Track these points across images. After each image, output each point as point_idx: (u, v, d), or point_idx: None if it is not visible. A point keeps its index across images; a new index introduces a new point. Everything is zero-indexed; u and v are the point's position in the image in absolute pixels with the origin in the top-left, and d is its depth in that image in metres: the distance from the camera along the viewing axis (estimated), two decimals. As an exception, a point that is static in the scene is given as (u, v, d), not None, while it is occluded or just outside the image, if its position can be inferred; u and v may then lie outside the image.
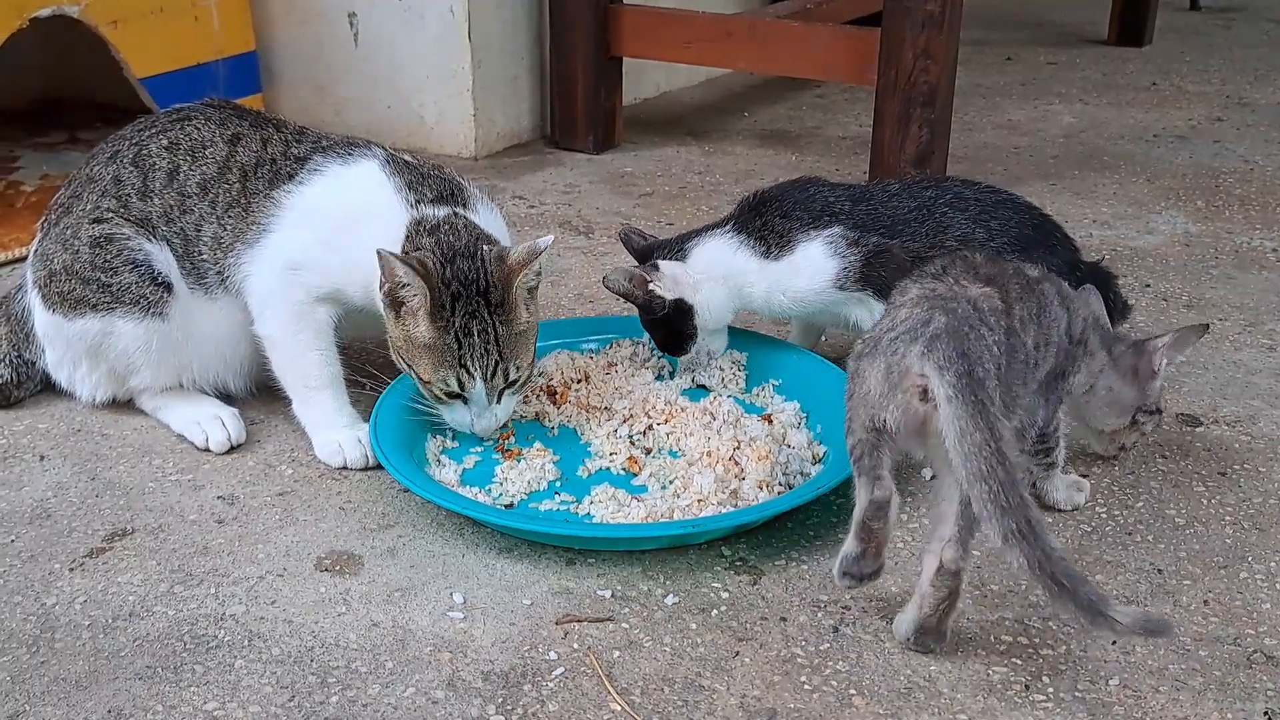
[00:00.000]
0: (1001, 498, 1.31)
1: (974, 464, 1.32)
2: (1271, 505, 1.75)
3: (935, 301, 1.45)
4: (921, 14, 2.77)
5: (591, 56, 3.28)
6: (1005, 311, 1.47)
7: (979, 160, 3.26)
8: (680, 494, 1.73)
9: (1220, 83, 4.09)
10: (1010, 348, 1.45)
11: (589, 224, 2.84)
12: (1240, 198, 3.00)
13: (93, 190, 1.89)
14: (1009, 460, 1.32)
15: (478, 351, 1.73)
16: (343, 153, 1.88)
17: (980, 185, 2.02)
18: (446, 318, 1.72)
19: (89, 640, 1.47)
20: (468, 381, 1.74)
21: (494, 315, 1.73)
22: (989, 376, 1.37)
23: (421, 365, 1.75)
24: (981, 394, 1.34)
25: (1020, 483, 1.32)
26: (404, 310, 1.73)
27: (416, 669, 1.43)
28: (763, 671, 1.43)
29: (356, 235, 1.78)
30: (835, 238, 1.93)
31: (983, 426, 1.32)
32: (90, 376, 1.93)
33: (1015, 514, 1.30)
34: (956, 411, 1.33)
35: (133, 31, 2.87)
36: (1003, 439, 1.33)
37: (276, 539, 1.67)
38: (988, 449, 1.31)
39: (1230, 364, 2.15)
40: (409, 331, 1.74)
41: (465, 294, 1.72)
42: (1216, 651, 1.46)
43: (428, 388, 1.77)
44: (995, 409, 1.35)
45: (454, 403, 1.78)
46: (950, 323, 1.40)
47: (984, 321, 1.43)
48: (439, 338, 1.72)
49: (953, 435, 1.33)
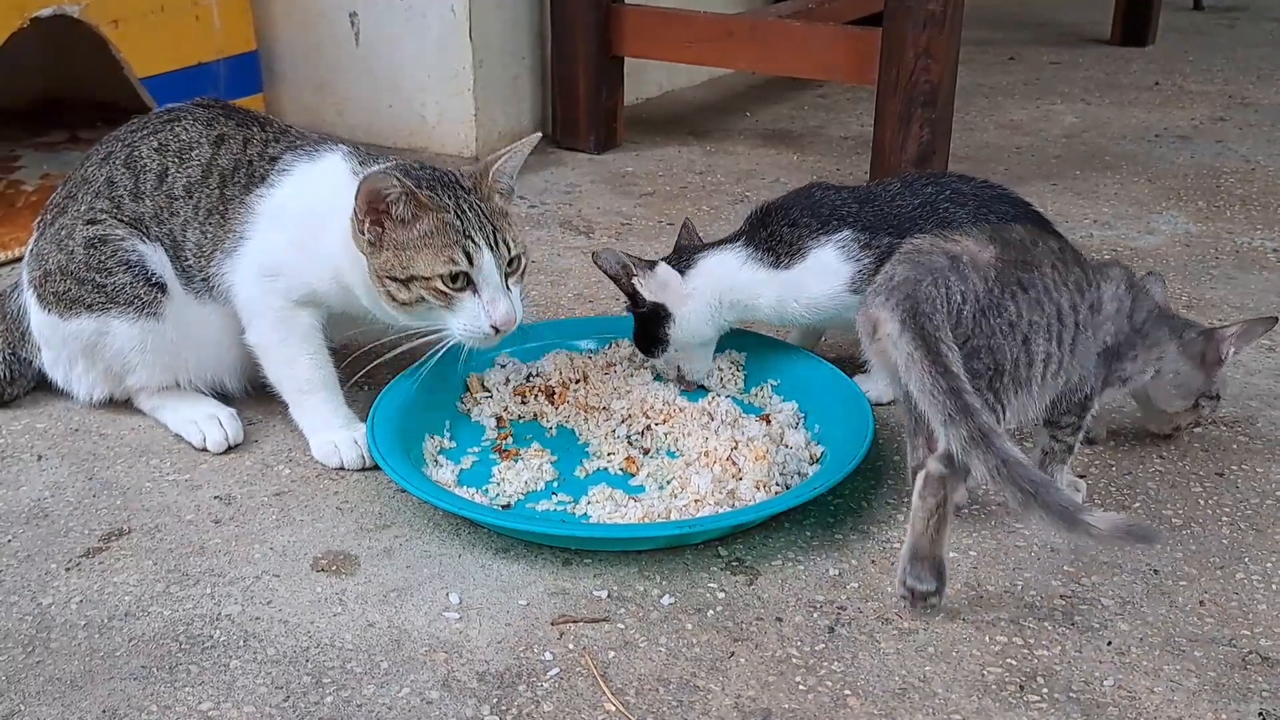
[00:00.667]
0: (949, 407, 1.42)
1: (920, 383, 1.45)
2: (1269, 506, 1.75)
3: (905, 256, 1.60)
4: (923, 13, 2.76)
5: (593, 56, 3.28)
6: (1000, 267, 1.57)
7: (981, 160, 3.26)
8: (677, 494, 1.73)
9: (1223, 82, 4.08)
10: (1002, 292, 1.55)
11: (589, 224, 2.84)
12: (1241, 198, 2.99)
13: (87, 191, 1.89)
14: (953, 373, 1.44)
15: (475, 224, 1.71)
16: (310, 150, 1.87)
17: (976, 180, 2.03)
18: (439, 201, 1.70)
19: (84, 640, 1.47)
20: (475, 252, 1.69)
21: (473, 196, 1.73)
22: (937, 313, 1.50)
23: (422, 261, 1.69)
24: (927, 325, 1.48)
25: (967, 394, 1.43)
26: (389, 226, 1.69)
27: (411, 669, 1.43)
28: (758, 672, 1.43)
29: (326, 231, 1.78)
30: (847, 241, 1.93)
31: (926, 350, 1.46)
32: (86, 376, 1.93)
33: (963, 423, 1.41)
34: (900, 342, 1.49)
35: (133, 31, 2.87)
36: (947, 360, 1.46)
37: (273, 539, 1.67)
38: (931, 368, 1.45)
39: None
40: (399, 241, 1.70)
41: (440, 185, 1.72)
42: (1212, 652, 1.46)
43: (429, 285, 1.70)
44: (943, 334, 1.48)
45: (461, 300, 1.72)
46: (908, 273, 1.55)
47: (955, 271, 1.55)
48: (436, 218, 1.69)
49: (902, 363, 1.49)
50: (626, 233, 2.79)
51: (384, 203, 1.68)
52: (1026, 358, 1.55)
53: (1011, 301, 1.55)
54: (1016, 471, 1.37)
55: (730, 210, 2.91)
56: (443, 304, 1.71)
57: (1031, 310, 1.56)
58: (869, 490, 1.78)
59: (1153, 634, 1.49)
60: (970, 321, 1.53)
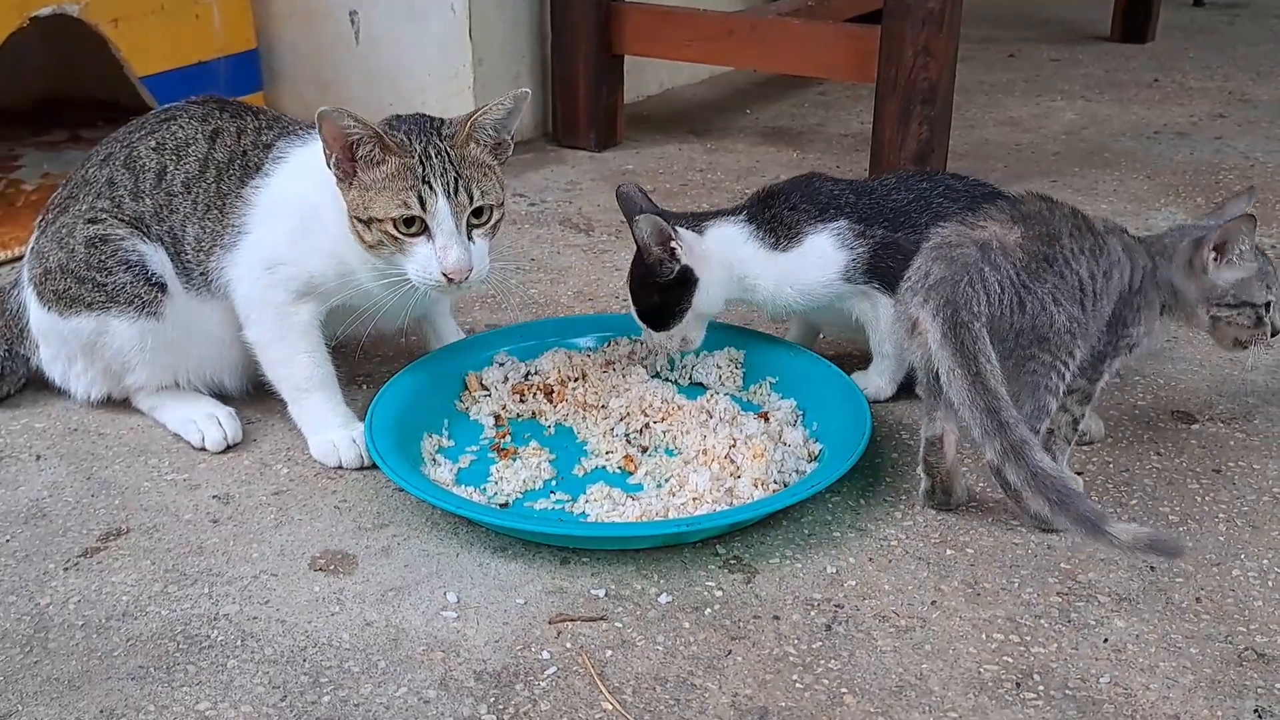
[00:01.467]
0: (986, 423, 1.53)
1: (960, 396, 1.55)
2: (1265, 503, 1.75)
3: (938, 251, 1.65)
4: (922, 12, 2.76)
5: (593, 54, 3.28)
6: (1027, 246, 1.64)
7: (981, 157, 3.26)
8: (676, 492, 1.73)
9: (1222, 79, 4.08)
10: (1034, 271, 1.63)
11: (589, 222, 2.84)
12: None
13: (88, 192, 1.89)
14: (991, 389, 1.53)
15: (437, 171, 1.69)
16: (304, 134, 1.87)
17: (968, 179, 2.04)
18: (405, 145, 1.70)
19: (82, 640, 1.48)
20: (429, 198, 1.68)
21: (445, 143, 1.72)
22: (977, 318, 1.58)
23: (379, 202, 1.69)
24: (965, 336, 1.56)
25: (1003, 410, 1.52)
26: (359, 168, 1.70)
27: (409, 668, 1.43)
28: (755, 670, 1.44)
29: (323, 212, 1.78)
30: (843, 230, 1.94)
31: (967, 365, 1.55)
32: (85, 374, 1.94)
33: (998, 437, 1.52)
34: (942, 354, 1.57)
35: (134, 30, 2.87)
36: (985, 375, 1.54)
37: (271, 538, 1.67)
38: (970, 383, 1.54)
39: (1227, 361, 2.15)
40: (364, 182, 1.70)
41: (418, 131, 1.72)
42: (1208, 649, 1.46)
43: (383, 228, 1.69)
44: (981, 345, 1.56)
45: (414, 245, 1.70)
46: (945, 271, 1.61)
47: (988, 261, 1.62)
48: (401, 163, 1.69)
49: (944, 373, 1.57)
50: (626, 231, 2.76)
51: (350, 142, 1.69)
52: (1066, 323, 1.64)
53: (1040, 279, 1.63)
54: (1045, 482, 1.49)
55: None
56: (396, 248, 1.71)
57: (1059, 280, 1.64)
58: (867, 488, 1.78)
59: (1149, 631, 1.49)
60: (1010, 309, 1.61)
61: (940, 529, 1.69)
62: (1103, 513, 1.47)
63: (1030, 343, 1.62)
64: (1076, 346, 1.65)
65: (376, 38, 3.32)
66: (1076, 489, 1.50)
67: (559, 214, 2.90)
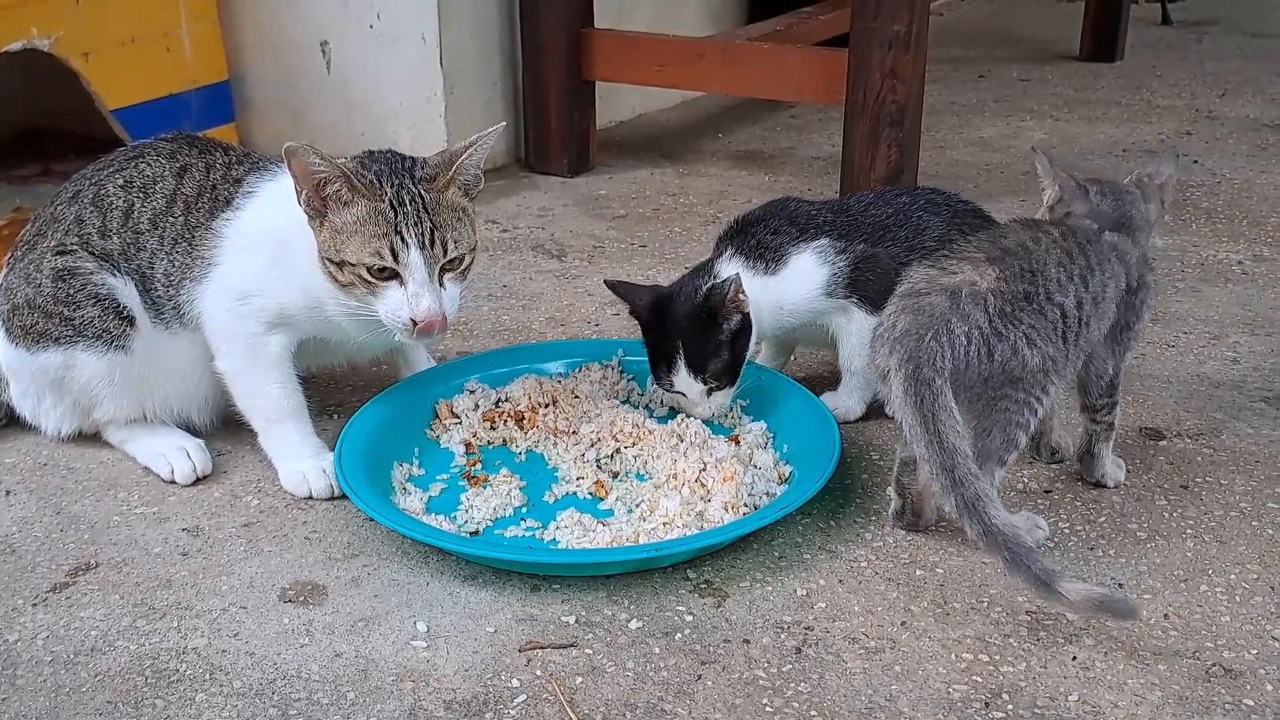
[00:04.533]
0: (943, 479, 1.54)
1: (920, 451, 1.57)
2: (1233, 518, 1.76)
3: (906, 301, 1.65)
4: (888, 35, 2.79)
5: (564, 80, 3.29)
6: (1002, 288, 1.62)
7: (951, 177, 3.28)
8: (646, 517, 1.73)
9: (1190, 97, 4.11)
10: (1008, 315, 1.62)
11: (562, 247, 2.85)
12: (1207, 211, 3.01)
13: (56, 229, 1.89)
14: (948, 447, 1.54)
15: (411, 220, 1.68)
16: (274, 169, 1.87)
17: (948, 194, 2.08)
18: (376, 189, 1.69)
19: (50, 676, 1.47)
20: (401, 250, 1.67)
21: (420, 187, 1.71)
22: (939, 373, 1.58)
23: (351, 247, 1.68)
24: (925, 393, 1.57)
25: (960, 465, 1.54)
26: (330, 211, 1.69)
27: (378, 699, 1.43)
28: (725, 694, 1.44)
29: (293, 245, 1.78)
30: (824, 248, 1.97)
31: (926, 424, 1.56)
32: (55, 410, 1.93)
33: (954, 493, 1.53)
34: (904, 410, 1.58)
35: (105, 63, 2.87)
36: (943, 432, 1.55)
37: (240, 570, 1.67)
38: (927, 441, 1.55)
39: (1194, 377, 2.16)
40: (335, 224, 1.69)
41: (389, 170, 1.71)
42: (1175, 665, 1.47)
43: (355, 272, 1.69)
44: (942, 401, 1.57)
45: (386, 290, 1.70)
46: (910, 324, 1.61)
47: (956, 311, 1.60)
48: (370, 206, 1.68)
49: (905, 428, 1.59)
50: (599, 255, 2.80)
51: (319, 180, 1.68)
52: (1040, 363, 1.63)
53: (1015, 322, 1.61)
54: (998, 540, 1.50)
55: (702, 231, 2.92)
56: (368, 290, 1.71)
57: (1038, 319, 1.63)
58: (837, 510, 1.79)
59: (1117, 648, 1.50)
60: (978, 357, 1.60)
61: (910, 550, 1.70)
62: (1055, 571, 1.47)
63: (1001, 384, 1.62)
64: (1050, 383, 1.64)
65: (348, 67, 3.33)
66: (1029, 545, 1.50)
67: (531, 240, 2.90)
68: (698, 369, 1.89)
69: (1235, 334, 2.33)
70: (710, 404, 1.92)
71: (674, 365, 1.91)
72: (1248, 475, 1.86)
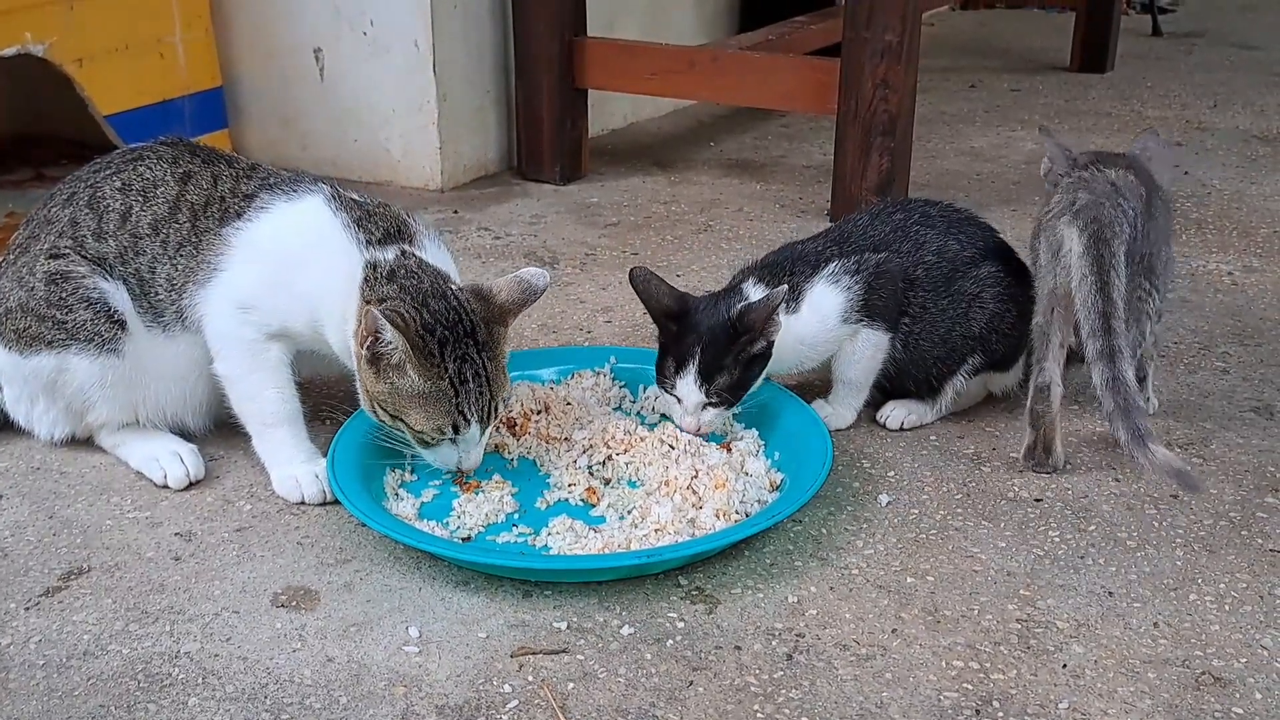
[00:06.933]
0: (1097, 324, 1.74)
1: (1084, 298, 1.75)
2: (1222, 527, 1.77)
3: (1081, 183, 1.86)
4: (880, 44, 2.80)
5: (557, 88, 3.30)
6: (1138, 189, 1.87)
7: (941, 187, 3.29)
8: (638, 524, 1.74)
9: (1180, 107, 4.14)
10: (1145, 210, 1.86)
11: (554, 254, 2.86)
12: (1197, 221, 3.03)
13: (50, 231, 1.89)
14: (1113, 300, 1.74)
15: (473, 397, 1.72)
16: (288, 189, 1.87)
17: (940, 204, 2.10)
18: (437, 364, 1.70)
19: (43, 680, 1.47)
20: (463, 427, 1.73)
21: (483, 354, 1.73)
22: (1118, 237, 1.77)
23: (413, 416, 1.71)
24: (1104, 251, 1.76)
25: (1115, 319, 1.74)
26: (384, 365, 1.70)
27: (370, 704, 1.43)
28: (716, 701, 1.44)
29: (304, 273, 1.79)
30: (835, 272, 1.97)
31: (1101, 274, 1.75)
32: (47, 414, 1.93)
33: (1103, 338, 1.74)
34: (1081, 263, 1.77)
35: (98, 69, 2.88)
36: (1111, 286, 1.75)
37: (233, 575, 1.67)
38: (1098, 289, 1.75)
39: (1184, 386, 2.17)
40: (394, 384, 1.70)
41: (452, 338, 1.71)
42: (1165, 673, 1.48)
43: (418, 435, 1.74)
44: (1117, 262, 1.75)
45: (439, 444, 1.76)
46: (1089, 197, 1.82)
47: (1120, 194, 1.83)
48: (432, 385, 1.70)
49: (1076, 279, 1.77)
50: (591, 263, 2.80)
51: (382, 348, 1.68)
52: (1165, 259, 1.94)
53: (1153, 216, 1.87)
54: (1120, 389, 1.72)
55: (693, 240, 2.93)
56: (420, 443, 1.76)
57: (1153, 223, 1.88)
58: (828, 517, 1.80)
59: (1107, 656, 1.51)
60: (1140, 234, 1.83)
61: (901, 557, 1.71)
62: (1151, 432, 1.71)
63: (1138, 272, 1.85)
64: (1166, 284, 1.94)
65: (341, 74, 3.33)
66: (1140, 405, 1.73)
67: (523, 247, 2.91)
68: (706, 378, 1.88)
69: (1225, 344, 2.34)
70: (700, 418, 1.91)
71: (684, 368, 1.89)
72: (1237, 484, 1.87)
